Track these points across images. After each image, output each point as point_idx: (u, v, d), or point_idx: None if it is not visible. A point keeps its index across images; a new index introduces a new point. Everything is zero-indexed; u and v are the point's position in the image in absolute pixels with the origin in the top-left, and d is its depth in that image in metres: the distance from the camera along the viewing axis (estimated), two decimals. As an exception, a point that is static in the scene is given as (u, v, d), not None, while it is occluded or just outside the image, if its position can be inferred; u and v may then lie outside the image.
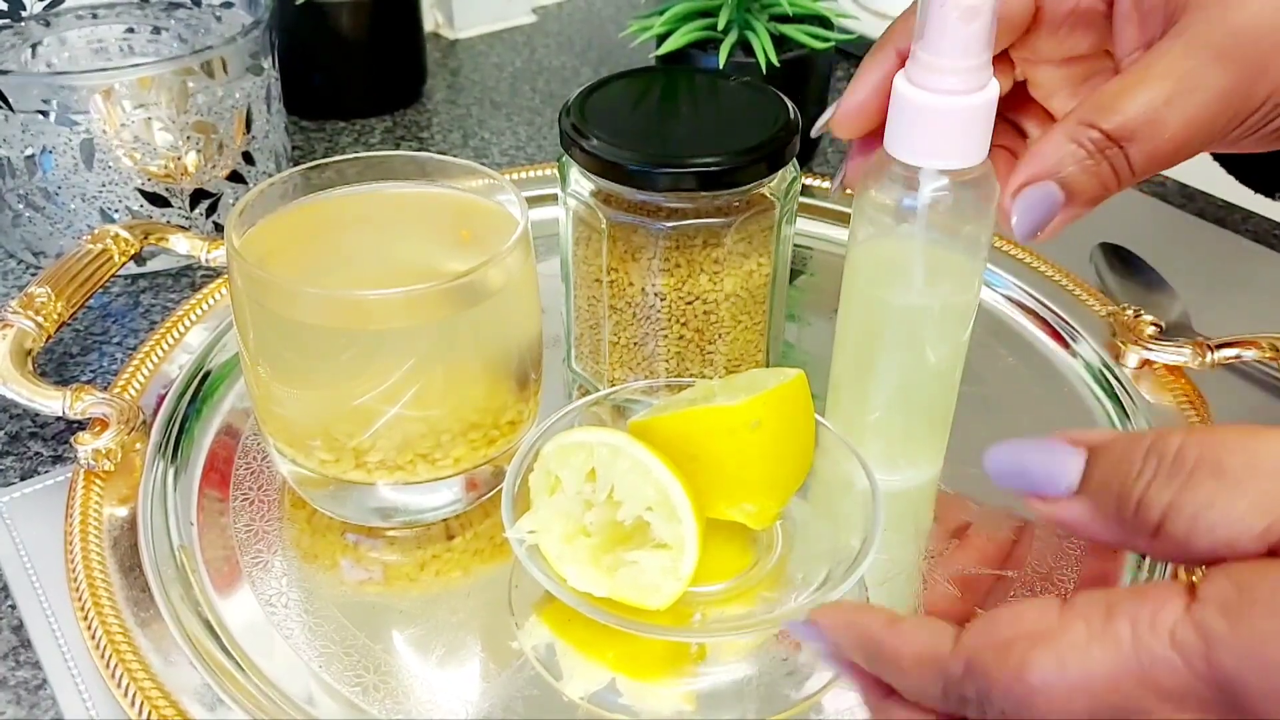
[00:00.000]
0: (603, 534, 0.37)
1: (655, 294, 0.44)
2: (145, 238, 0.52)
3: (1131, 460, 0.25)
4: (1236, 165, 0.53)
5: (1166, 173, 0.68)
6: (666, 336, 0.45)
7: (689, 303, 0.44)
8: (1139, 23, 0.37)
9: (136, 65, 0.54)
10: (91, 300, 0.51)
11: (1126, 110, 0.33)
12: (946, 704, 0.26)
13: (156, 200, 0.56)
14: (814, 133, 0.42)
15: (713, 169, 0.41)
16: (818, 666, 0.37)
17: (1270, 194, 0.54)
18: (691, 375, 0.46)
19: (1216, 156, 0.53)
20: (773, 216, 0.43)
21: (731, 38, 0.61)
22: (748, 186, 0.42)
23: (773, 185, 0.43)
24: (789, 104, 0.44)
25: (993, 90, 0.35)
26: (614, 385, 0.46)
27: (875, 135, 0.38)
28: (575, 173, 0.44)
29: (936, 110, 0.35)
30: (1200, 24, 0.33)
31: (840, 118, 0.39)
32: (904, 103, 0.35)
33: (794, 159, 0.44)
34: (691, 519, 0.35)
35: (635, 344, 0.45)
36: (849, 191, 0.41)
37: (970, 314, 0.41)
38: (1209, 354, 0.48)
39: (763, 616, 0.38)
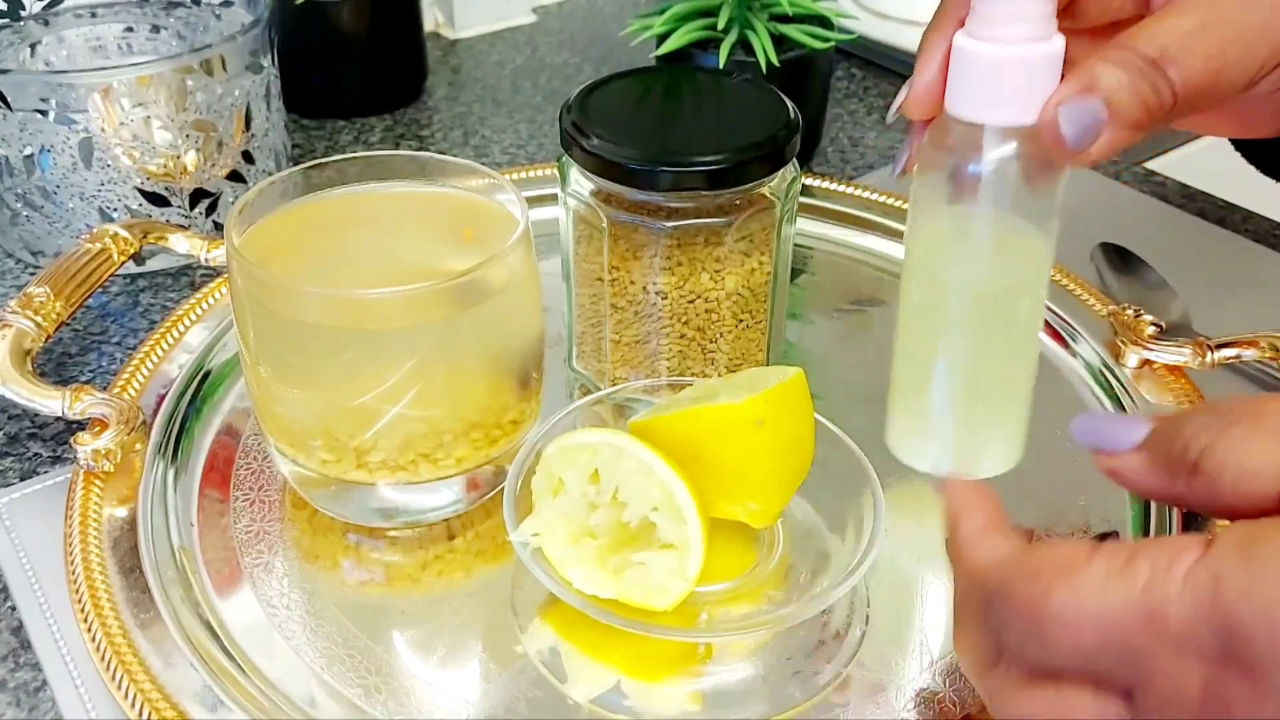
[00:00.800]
0: (609, 535, 0.37)
1: (657, 292, 0.43)
2: (144, 237, 0.52)
3: (1190, 417, 0.28)
4: (1257, 153, 0.53)
5: (1166, 173, 0.68)
6: (668, 335, 0.45)
7: (690, 301, 0.44)
8: None
9: (135, 64, 0.54)
10: (90, 300, 0.51)
11: (1157, 37, 0.33)
12: (987, 621, 0.28)
13: (156, 199, 0.56)
14: (889, 119, 0.40)
15: (713, 168, 0.41)
16: (822, 666, 0.37)
17: None
18: (693, 374, 0.46)
19: (1237, 145, 0.52)
20: (773, 215, 0.43)
21: (731, 37, 0.61)
22: (748, 186, 0.42)
23: (773, 184, 0.43)
24: (789, 103, 0.44)
25: (1059, 42, 0.33)
26: (616, 384, 0.46)
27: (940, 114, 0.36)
28: (575, 172, 0.44)
29: (1002, 60, 0.32)
30: None
31: (914, 98, 0.37)
32: (966, 57, 0.33)
33: (794, 158, 0.44)
34: (697, 519, 0.35)
35: (637, 342, 0.45)
36: (908, 174, 0.38)
37: (1043, 286, 0.38)
38: (1209, 354, 0.48)
39: (769, 615, 0.38)
